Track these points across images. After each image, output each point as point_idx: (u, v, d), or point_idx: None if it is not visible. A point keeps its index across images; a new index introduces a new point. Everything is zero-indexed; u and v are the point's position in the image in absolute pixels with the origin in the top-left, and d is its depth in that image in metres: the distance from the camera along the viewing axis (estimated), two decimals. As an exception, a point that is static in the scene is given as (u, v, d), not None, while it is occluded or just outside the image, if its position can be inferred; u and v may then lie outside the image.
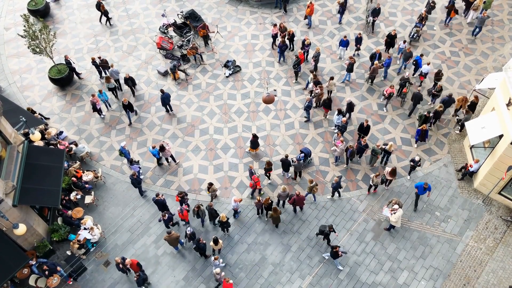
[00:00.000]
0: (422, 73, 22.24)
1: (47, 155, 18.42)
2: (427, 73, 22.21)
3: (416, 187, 18.44)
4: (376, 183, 18.96)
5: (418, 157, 18.87)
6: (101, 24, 26.50)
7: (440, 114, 20.80)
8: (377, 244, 18.39)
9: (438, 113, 20.62)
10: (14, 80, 24.31)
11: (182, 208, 18.04)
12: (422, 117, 20.13)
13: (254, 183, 18.80)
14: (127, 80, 22.30)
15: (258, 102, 22.75)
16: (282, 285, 17.51)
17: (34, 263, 17.35)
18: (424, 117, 20.03)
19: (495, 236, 18.42)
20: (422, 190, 18.25)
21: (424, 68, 22.07)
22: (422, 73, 22.24)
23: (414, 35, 24.04)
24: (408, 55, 22.37)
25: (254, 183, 18.80)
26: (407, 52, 22.28)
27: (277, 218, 18.19)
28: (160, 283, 17.65)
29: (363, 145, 19.31)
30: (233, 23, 26.37)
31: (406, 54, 22.39)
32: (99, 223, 19.06)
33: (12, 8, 27.81)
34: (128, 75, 22.20)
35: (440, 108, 20.42)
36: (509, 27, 25.15)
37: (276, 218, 18.17)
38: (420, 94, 21.20)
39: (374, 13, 24.43)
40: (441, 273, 17.64)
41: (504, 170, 17.56)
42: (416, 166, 19.20)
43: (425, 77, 22.47)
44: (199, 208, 17.91)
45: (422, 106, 21.85)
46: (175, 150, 21.23)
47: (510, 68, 17.33)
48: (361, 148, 19.63)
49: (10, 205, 16.08)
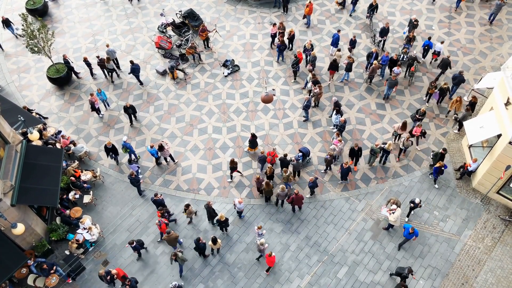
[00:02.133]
0: (435, 51, 23.03)
1: (45, 155, 18.38)
2: (440, 51, 22.96)
3: (405, 227, 17.47)
4: (407, 145, 19.48)
5: (418, 199, 17.87)
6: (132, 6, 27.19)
7: (446, 92, 21.19)
8: (375, 243, 18.40)
9: (443, 90, 21.06)
10: (13, 79, 24.26)
11: (161, 220, 17.75)
12: (438, 155, 19.13)
13: (272, 157, 19.41)
14: (127, 108, 21.06)
15: (257, 102, 22.74)
16: (281, 284, 17.52)
17: (32, 263, 17.32)
18: (440, 154, 19.05)
19: (494, 236, 18.45)
20: (408, 233, 17.09)
21: (437, 46, 22.93)
22: (435, 51, 23.03)
23: (404, 57, 22.89)
24: (393, 83, 21.49)
25: (272, 157, 19.41)
26: (393, 80, 21.46)
27: (269, 191, 18.66)
28: (159, 282, 17.64)
29: (345, 168, 18.87)
30: (231, 23, 26.36)
31: (391, 81, 21.49)
32: (98, 222, 19.04)
33: (10, 7, 27.76)
34: (129, 104, 21.06)
35: (445, 85, 20.85)
36: (508, 26, 25.19)
37: (268, 191, 18.64)
38: (449, 60, 21.87)
39: (383, 33, 23.63)
40: (440, 272, 17.66)
41: (502, 170, 17.59)
42: (416, 207, 18.12)
43: (438, 55, 23.12)
44: (176, 256, 16.58)
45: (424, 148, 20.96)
46: (173, 149, 21.22)
47: (509, 67, 17.34)
48: (345, 171, 19.14)
49: (9, 204, 16.05)
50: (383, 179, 20.09)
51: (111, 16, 27.00)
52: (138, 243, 17.58)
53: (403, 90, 22.85)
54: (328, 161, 19.52)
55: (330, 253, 18.17)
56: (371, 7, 24.77)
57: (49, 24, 26.45)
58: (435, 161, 19.19)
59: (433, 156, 19.43)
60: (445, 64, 22.01)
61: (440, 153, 19.08)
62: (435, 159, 19.21)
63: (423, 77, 23.31)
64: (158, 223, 17.83)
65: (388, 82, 21.64)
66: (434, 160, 19.29)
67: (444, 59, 21.99)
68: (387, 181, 20.03)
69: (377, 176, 20.19)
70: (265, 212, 19.27)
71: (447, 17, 25.81)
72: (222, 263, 18.04)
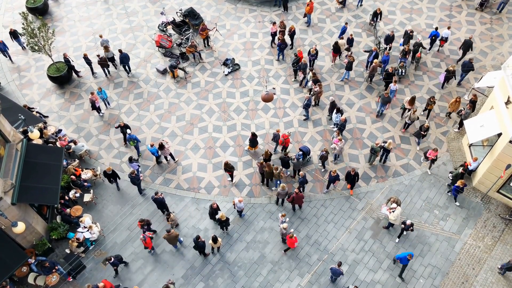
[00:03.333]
0: (443, 38, 23.41)
1: (46, 153, 18.39)
2: (447, 37, 23.46)
3: (398, 258, 16.89)
4: (413, 119, 19.96)
5: (409, 221, 17.42)
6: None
7: (452, 74, 21.74)
8: (375, 242, 18.41)
9: (449, 72, 21.64)
10: (13, 78, 24.26)
11: (145, 235, 17.31)
12: (458, 175, 18.64)
13: (284, 140, 19.70)
14: (122, 127, 20.55)
15: (257, 100, 22.74)
16: (281, 283, 17.54)
17: (33, 261, 17.34)
18: (460, 174, 18.59)
19: (494, 234, 18.45)
20: (406, 260, 16.55)
21: (444, 33, 23.34)
22: (443, 38, 23.41)
23: (402, 72, 22.58)
24: (386, 100, 20.97)
25: (284, 140, 19.70)
26: (385, 97, 20.88)
27: (270, 173, 18.97)
28: (159, 281, 17.66)
29: (332, 176, 18.71)
30: (232, 21, 26.34)
31: (384, 98, 20.92)
32: (98, 221, 19.05)
33: (10, 6, 27.73)
34: (123, 122, 20.59)
35: (452, 68, 21.40)
36: (508, 25, 25.16)
37: (269, 173, 18.96)
38: (471, 41, 22.42)
39: (388, 41, 23.39)
40: (440, 271, 17.67)
41: (502, 168, 17.59)
42: (407, 230, 17.60)
43: (445, 41, 23.68)
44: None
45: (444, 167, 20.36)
46: (174, 148, 21.22)
47: (509, 66, 17.32)
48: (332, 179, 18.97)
49: (9, 203, 16.07)
50: (383, 178, 20.09)
51: (112, 14, 26.98)
52: (116, 259, 17.01)
53: (404, 89, 22.82)
54: (324, 158, 19.53)
55: (330, 252, 18.18)
56: (376, 14, 24.56)
57: (50, 22, 26.44)
58: (454, 181, 18.73)
59: (453, 177, 18.85)
60: (467, 45, 22.47)
61: (460, 173, 18.60)
62: (455, 179, 18.69)
63: (424, 76, 23.29)
64: (142, 238, 17.26)
65: (381, 99, 21.05)
66: (454, 181, 18.78)
67: (466, 40, 22.47)
68: (387, 180, 20.03)
69: (378, 175, 20.19)
70: (266, 211, 19.28)
71: (448, 16, 25.79)
72: (222, 262, 18.06)
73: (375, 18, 24.74)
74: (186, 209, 19.43)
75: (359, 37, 24.90)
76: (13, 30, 24.23)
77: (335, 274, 16.75)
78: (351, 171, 18.71)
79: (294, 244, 17.47)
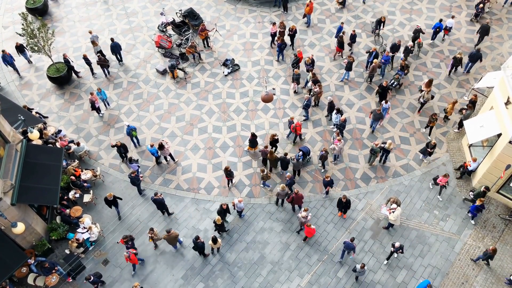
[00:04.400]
0: (447, 27, 24.09)
1: (45, 154, 18.39)
2: (451, 27, 24.15)
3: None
4: (427, 99, 20.67)
5: (398, 244, 16.85)
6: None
7: (459, 62, 22.28)
8: (375, 242, 18.41)
9: (457, 60, 22.16)
10: (13, 78, 24.26)
11: (129, 252, 16.89)
12: (480, 193, 18.21)
13: (295, 127, 20.05)
14: (119, 147, 20.01)
15: (257, 101, 22.74)
16: (281, 283, 17.53)
17: (32, 262, 17.33)
18: (483, 192, 18.18)
19: (494, 235, 18.45)
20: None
21: (448, 22, 24.00)
22: (447, 27, 24.09)
23: (396, 84, 22.33)
24: (378, 116, 20.59)
25: (295, 127, 20.05)
26: (377, 113, 20.51)
27: (273, 161, 19.31)
28: (159, 281, 17.65)
29: (326, 181, 18.64)
30: (231, 22, 26.35)
31: (376, 115, 20.58)
32: (98, 221, 19.04)
33: (10, 6, 27.75)
34: (120, 142, 19.96)
35: (460, 55, 21.83)
36: (508, 26, 25.17)
37: (272, 161, 19.27)
38: (488, 25, 22.96)
39: (394, 49, 23.12)
40: (440, 271, 17.67)
41: (502, 169, 17.59)
42: (397, 252, 17.14)
43: (449, 31, 24.28)
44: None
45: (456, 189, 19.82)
46: (174, 148, 21.22)
47: (509, 67, 17.33)
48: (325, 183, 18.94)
49: (9, 203, 16.05)
50: (383, 178, 20.09)
51: (111, 15, 26.99)
52: (96, 276, 16.72)
53: (403, 89, 22.82)
54: (324, 158, 19.51)
55: (330, 252, 18.17)
56: (379, 22, 24.31)
57: (49, 23, 26.45)
58: (475, 198, 18.28)
59: (475, 195, 18.45)
60: (485, 29, 22.93)
61: (483, 191, 18.18)
62: (477, 196, 18.26)
63: (423, 76, 23.28)
64: (126, 255, 16.87)
65: (373, 115, 20.67)
66: (476, 197, 18.30)
67: (484, 25, 23.07)
68: (387, 180, 20.03)
69: (377, 175, 20.19)
70: (265, 211, 19.28)
71: (448, 16, 25.77)
72: (222, 262, 18.05)
73: (378, 26, 24.48)
74: (185, 209, 19.43)
75: (359, 37, 24.88)
76: (19, 45, 23.59)
77: (348, 248, 17.04)
78: (343, 198, 17.97)
79: (311, 233, 17.57)
